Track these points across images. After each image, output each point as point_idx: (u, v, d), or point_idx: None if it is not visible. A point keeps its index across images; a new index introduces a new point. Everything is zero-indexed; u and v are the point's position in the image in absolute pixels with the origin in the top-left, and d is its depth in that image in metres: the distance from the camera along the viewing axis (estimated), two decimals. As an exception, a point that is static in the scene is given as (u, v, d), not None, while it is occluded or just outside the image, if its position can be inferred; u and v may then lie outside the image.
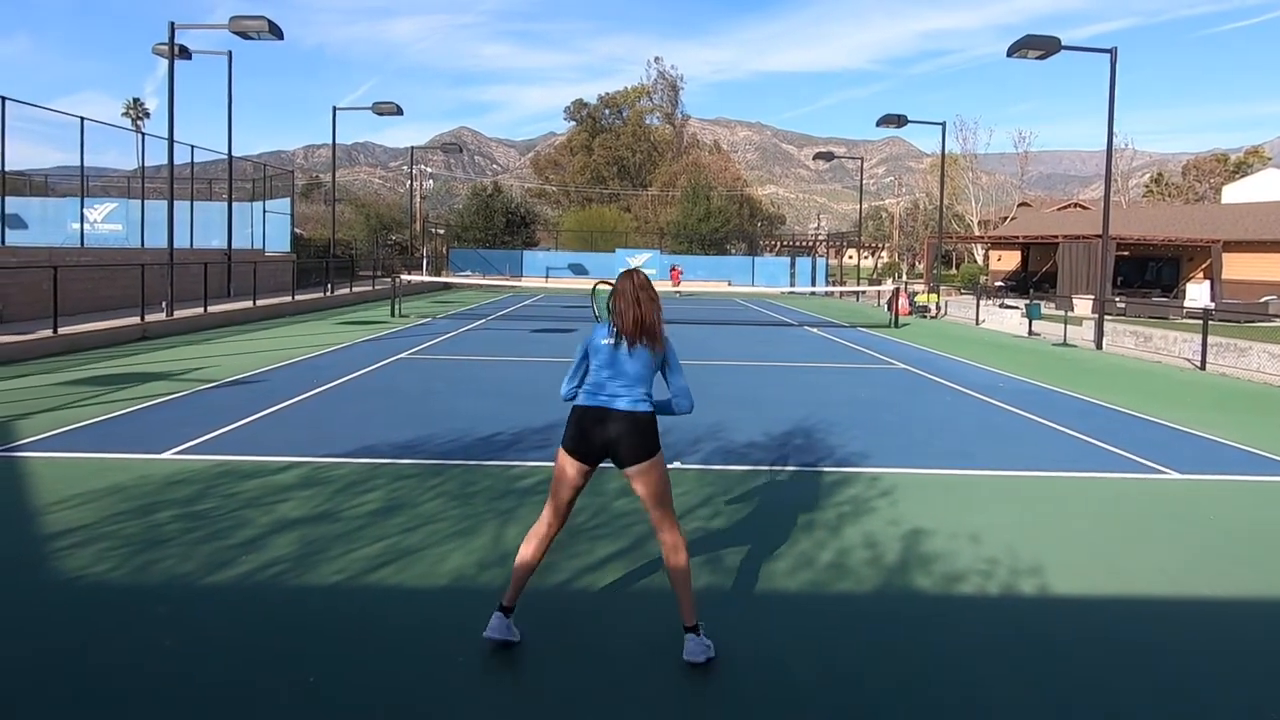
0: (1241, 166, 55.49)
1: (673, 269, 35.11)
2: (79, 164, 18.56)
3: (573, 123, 71.16)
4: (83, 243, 18.50)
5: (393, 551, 4.10)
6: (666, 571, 3.15)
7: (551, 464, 5.82)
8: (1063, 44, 15.42)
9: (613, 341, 3.09)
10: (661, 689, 2.92)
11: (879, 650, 3.25)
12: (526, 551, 3.15)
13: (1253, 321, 21.27)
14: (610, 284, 3.23)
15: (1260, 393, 10.69)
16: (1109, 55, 15.35)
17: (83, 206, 19.74)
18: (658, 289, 3.27)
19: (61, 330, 11.61)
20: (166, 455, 5.83)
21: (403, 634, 3.25)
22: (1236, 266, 28.82)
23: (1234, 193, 39.25)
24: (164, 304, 14.62)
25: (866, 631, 3.41)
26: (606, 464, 3.13)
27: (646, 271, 3.85)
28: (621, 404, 3.04)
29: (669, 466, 3.14)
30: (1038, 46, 15.39)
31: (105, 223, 22.33)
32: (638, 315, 3.06)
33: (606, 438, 3.03)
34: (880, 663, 3.15)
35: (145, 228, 19.86)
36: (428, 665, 3.02)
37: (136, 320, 13.35)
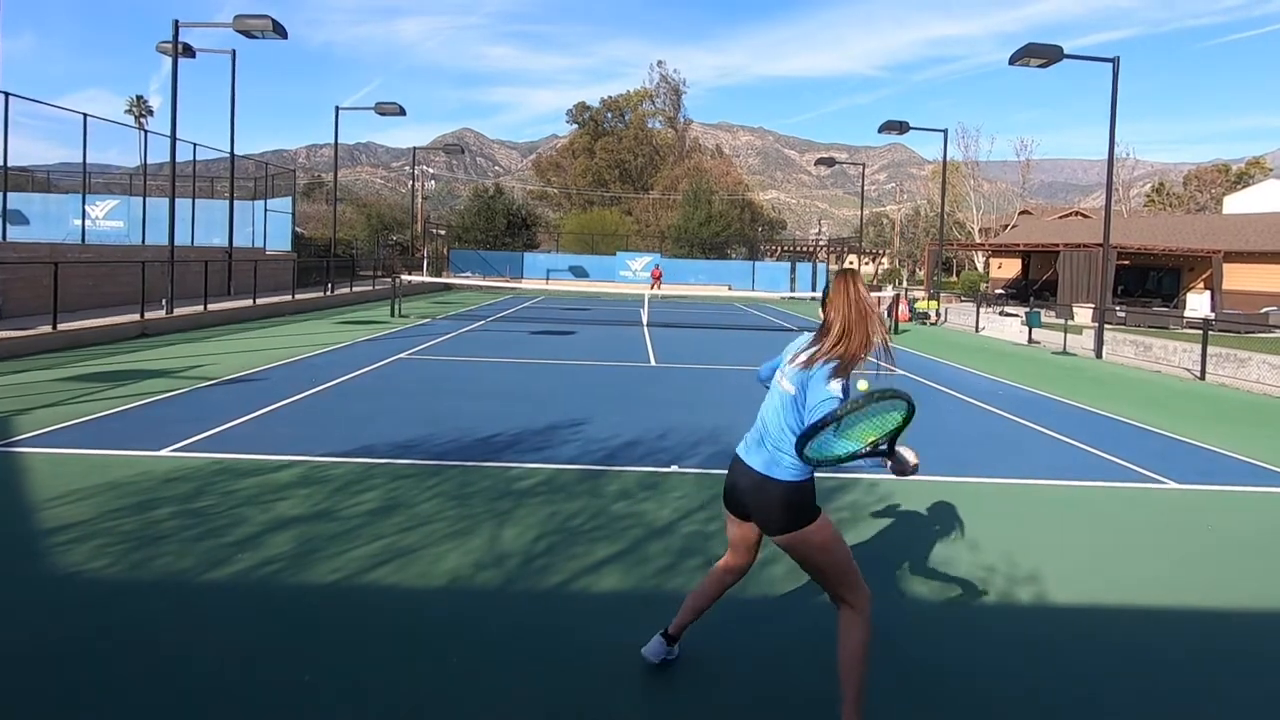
0: (1243, 177, 55.57)
1: (654, 269, 35.13)
2: (81, 161, 18.58)
3: (575, 125, 71.27)
4: (84, 239, 18.51)
5: (390, 551, 4.10)
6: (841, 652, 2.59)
7: (549, 466, 5.85)
8: (1065, 53, 15.46)
9: (782, 369, 2.57)
10: (659, 694, 2.92)
11: (877, 658, 3.24)
12: (703, 585, 2.96)
13: (1253, 332, 21.29)
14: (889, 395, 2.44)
15: (1260, 403, 10.69)
16: (1111, 65, 15.39)
17: (84, 203, 19.75)
18: (651, 291, 3.22)
19: (62, 326, 11.61)
20: (165, 452, 5.83)
21: (399, 634, 3.25)
22: (1237, 277, 28.85)
23: (1235, 203, 39.30)
24: (164, 301, 14.63)
25: (863, 637, 3.41)
26: (613, 468, 3.13)
27: (647, 274, 3.80)
28: (750, 460, 2.63)
29: (668, 470, 3.13)
30: (1040, 55, 15.43)
31: (107, 220, 22.36)
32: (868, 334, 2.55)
33: (740, 496, 2.70)
34: (879, 670, 3.14)
35: (147, 225, 19.89)
36: (423, 665, 3.02)
37: (137, 317, 13.35)
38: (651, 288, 32.61)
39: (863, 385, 2.58)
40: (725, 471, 2.79)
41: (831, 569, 2.57)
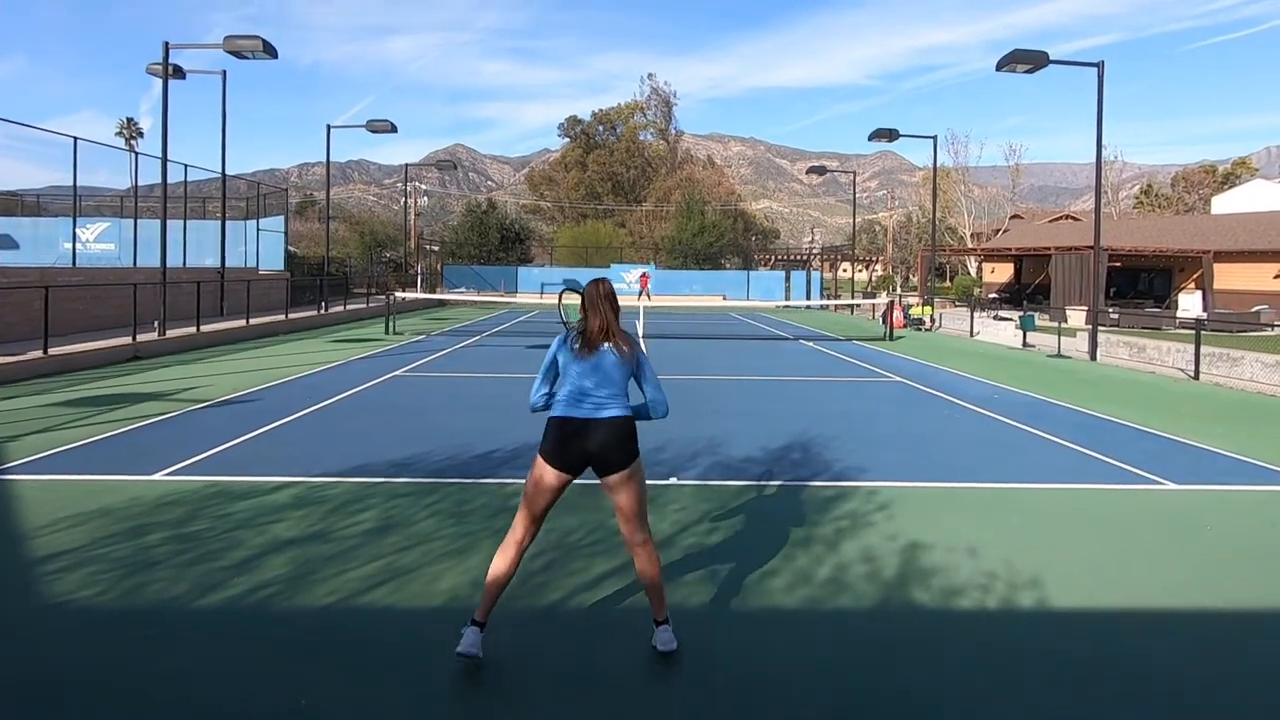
0: (1229, 178, 56.09)
1: (642, 276, 35.11)
2: (72, 183, 18.55)
3: (567, 139, 71.63)
4: (75, 262, 18.46)
5: (387, 571, 4.06)
6: (641, 578, 3.22)
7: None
8: (1050, 58, 15.61)
9: (578, 348, 3.17)
10: (658, 709, 2.88)
11: (879, 667, 3.21)
12: (501, 564, 3.13)
13: (1245, 331, 21.39)
14: (577, 293, 3.36)
15: (1254, 402, 10.72)
16: (1096, 69, 15.55)
17: (75, 226, 19.71)
18: (639, 302, 3.36)
19: (53, 350, 11.54)
20: (158, 476, 5.77)
21: (397, 655, 3.20)
22: (1227, 276, 29.05)
23: (1223, 203, 39.66)
24: (156, 323, 14.56)
25: (866, 648, 3.38)
26: (594, 480, 3.11)
27: (637, 286, 3.98)
28: (604, 413, 3.10)
29: (667, 482, 3.13)
30: (1026, 61, 15.57)
31: (98, 242, 22.30)
32: (602, 322, 3.19)
33: (588, 448, 3.08)
34: (880, 679, 3.11)
35: (138, 247, 19.84)
36: (422, 687, 2.97)
37: (129, 340, 13.28)
38: (639, 297, 32.68)
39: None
40: (726, 483, 2.91)
41: (646, 505, 3.21)
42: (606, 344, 3.18)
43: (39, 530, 4.57)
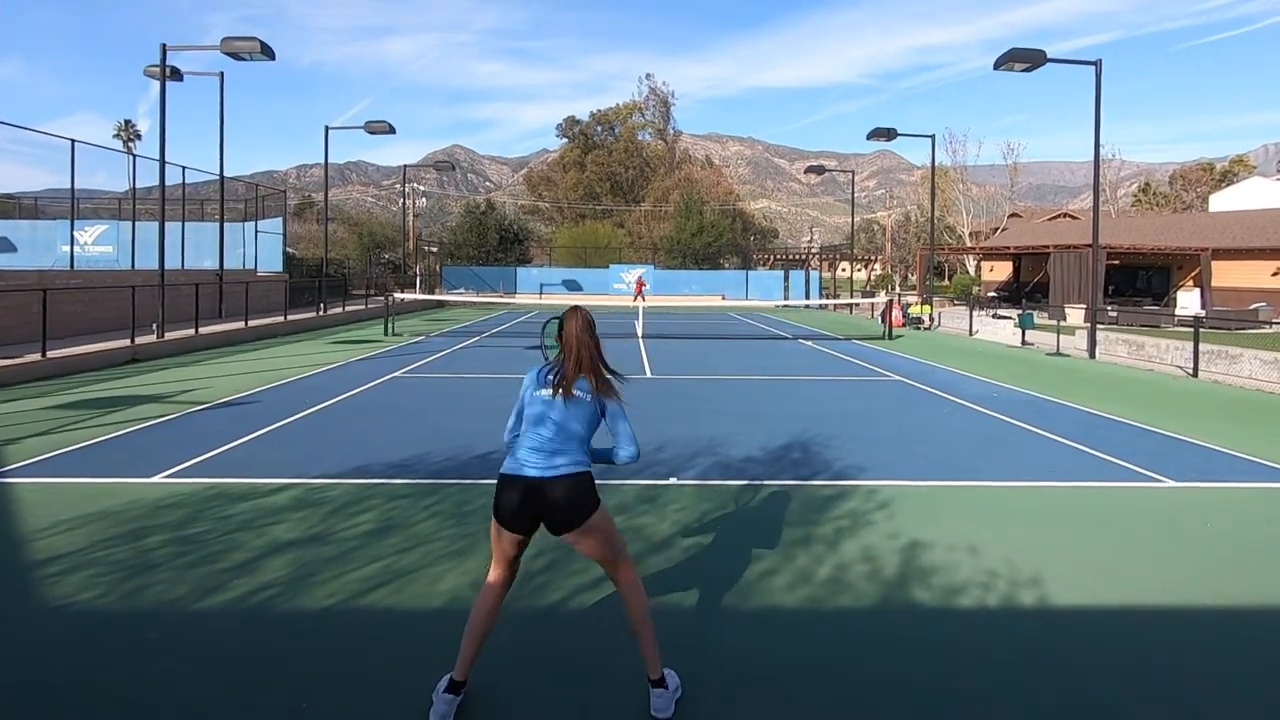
0: (1227, 175, 56.16)
1: (638, 280, 35.16)
2: (69, 186, 18.53)
3: (565, 139, 71.61)
4: (73, 265, 18.44)
5: (387, 573, 4.05)
6: (630, 623, 2.87)
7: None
8: (1048, 57, 15.62)
9: (549, 392, 2.86)
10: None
11: (879, 666, 3.21)
12: (479, 614, 2.85)
13: (1243, 328, 21.42)
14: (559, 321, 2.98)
15: (1253, 399, 10.73)
16: (1094, 67, 15.55)
17: (73, 229, 19.69)
18: (652, 301, 3.27)
19: (51, 353, 11.53)
20: (157, 479, 5.76)
21: (397, 657, 3.20)
22: (1225, 274, 29.07)
23: (1221, 201, 39.68)
24: (155, 326, 14.55)
25: (866, 646, 3.38)
26: (610, 481, 3.11)
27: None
28: (554, 470, 2.77)
29: (666, 482, 3.11)
30: (1024, 59, 15.58)
31: (96, 245, 22.28)
32: (576, 360, 2.88)
33: (534, 509, 2.78)
34: (881, 678, 3.11)
35: (136, 249, 19.82)
36: (423, 688, 2.97)
37: (127, 342, 13.27)
38: (635, 299, 32.70)
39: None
40: (726, 483, 2.85)
41: (618, 545, 2.89)
42: (580, 385, 2.86)
43: (38, 533, 4.57)
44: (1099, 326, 16.41)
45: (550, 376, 2.90)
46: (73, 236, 19.68)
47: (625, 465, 3.01)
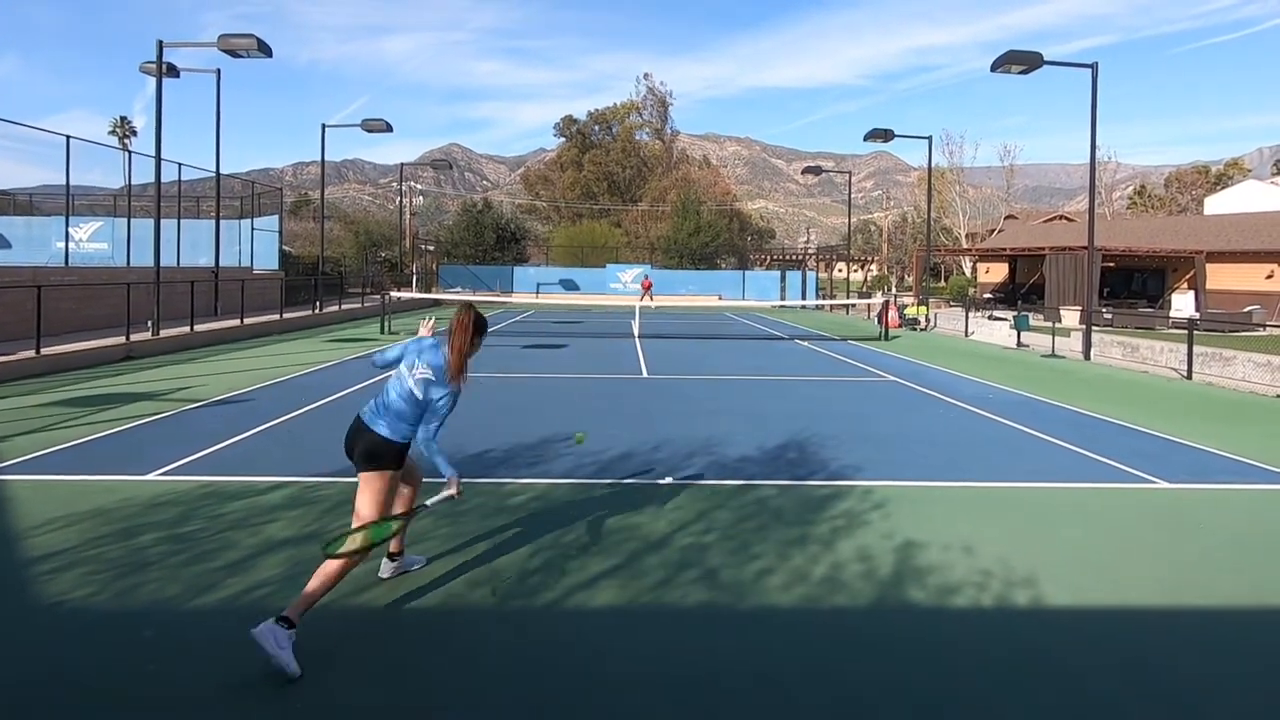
0: (1222, 178, 56.37)
1: (644, 279, 35.45)
2: (64, 183, 18.45)
3: (562, 139, 71.55)
4: (67, 262, 18.35)
5: (380, 571, 4.04)
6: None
7: (542, 480, 5.81)
8: (1045, 59, 15.66)
9: (411, 374, 3.62)
10: (655, 708, 2.88)
11: (875, 665, 3.22)
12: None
13: (1237, 331, 21.50)
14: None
15: (1246, 401, 10.78)
16: (1090, 70, 15.60)
17: (68, 225, 19.61)
18: (643, 302, 3.42)
19: (45, 350, 11.48)
20: (151, 476, 5.74)
21: (391, 656, 3.19)
22: (1220, 277, 29.19)
23: (1216, 204, 39.83)
24: (150, 323, 14.50)
25: (862, 646, 3.38)
26: (607, 481, 3.11)
27: (636, 285, 4.19)
28: (377, 427, 3.58)
29: (663, 482, 3.12)
30: (1020, 62, 15.62)
31: (91, 241, 22.17)
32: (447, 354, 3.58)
33: (353, 447, 3.63)
34: (878, 678, 3.11)
35: (131, 246, 19.74)
36: (419, 688, 2.97)
37: (122, 340, 13.21)
38: (641, 299, 32.79)
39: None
40: (722, 482, 2.92)
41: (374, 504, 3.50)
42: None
43: (32, 531, 4.55)
44: (1094, 328, 16.46)
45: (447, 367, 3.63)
46: (68, 233, 19.57)
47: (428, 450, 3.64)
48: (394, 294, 22.04)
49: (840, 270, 52.94)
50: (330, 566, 3.18)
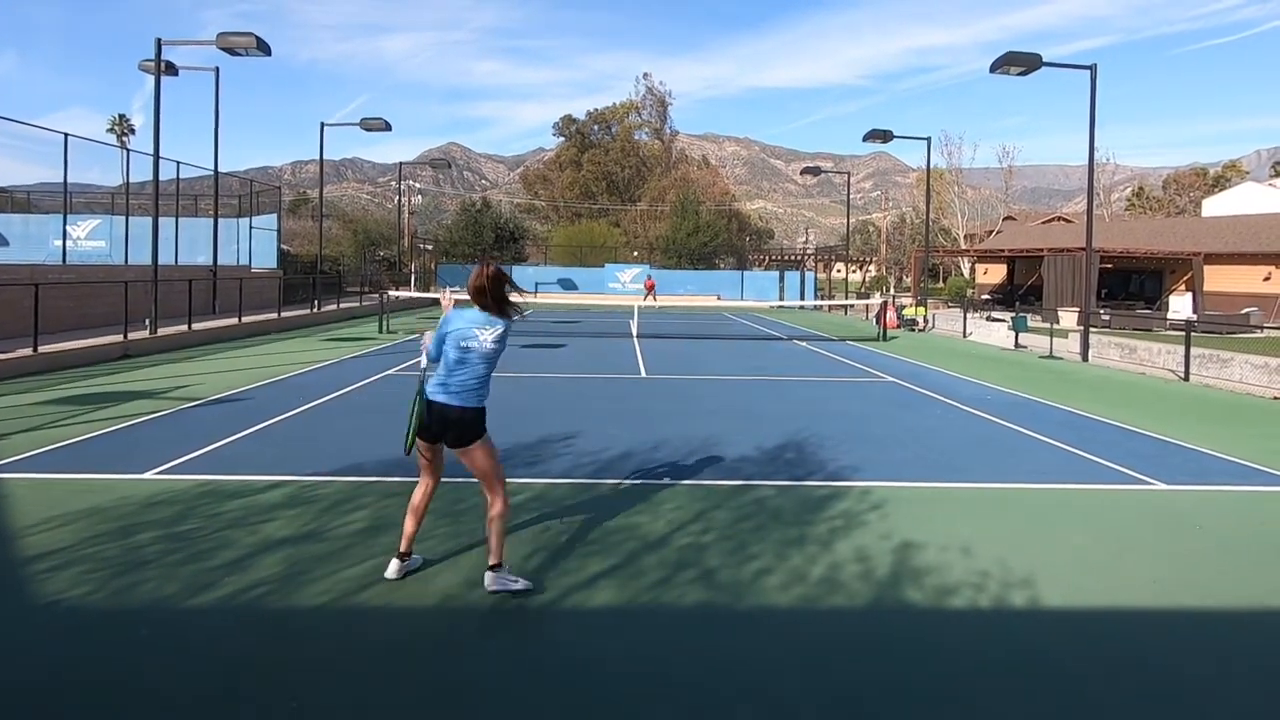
0: (1220, 180, 56.48)
1: (647, 280, 35.56)
2: (63, 180, 18.41)
3: (562, 138, 71.53)
4: (65, 260, 18.34)
5: (379, 571, 4.03)
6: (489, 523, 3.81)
7: (540, 480, 5.81)
8: (1044, 61, 15.68)
9: (478, 342, 3.85)
10: (653, 708, 2.88)
11: (874, 665, 3.22)
12: (409, 515, 3.95)
13: (1234, 333, 21.54)
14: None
15: (1243, 403, 10.80)
16: (1089, 72, 15.62)
17: (66, 223, 19.57)
18: (645, 302, 3.47)
19: (42, 348, 11.45)
20: (148, 475, 5.73)
21: (390, 656, 3.19)
22: (1217, 279, 29.24)
23: (1213, 206, 39.90)
24: (148, 321, 14.47)
25: (860, 646, 3.39)
26: (606, 480, 3.11)
27: (634, 286, 4.31)
28: (456, 400, 3.78)
29: (661, 482, 3.14)
30: (1019, 63, 15.63)
31: (89, 240, 22.14)
32: (483, 301, 3.85)
33: (442, 428, 3.79)
34: (875, 678, 3.12)
35: (129, 244, 19.72)
36: (416, 687, 2.96)
37: (119, 338, 13.19)
38: (644, 299, 32.91)
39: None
40: (720, 482, 2.94)
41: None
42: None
43: (28, 529, 4.54)
44: (1092, 330, 16.49)
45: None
46: (65, 231, 19.55)
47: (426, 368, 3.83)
48: (392, 293, 22.02)
49: (839, 271, 52.96)
50: (498, 519, 3.75)
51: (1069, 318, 23.25)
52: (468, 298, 3.85)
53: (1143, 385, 12.41)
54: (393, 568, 3.92)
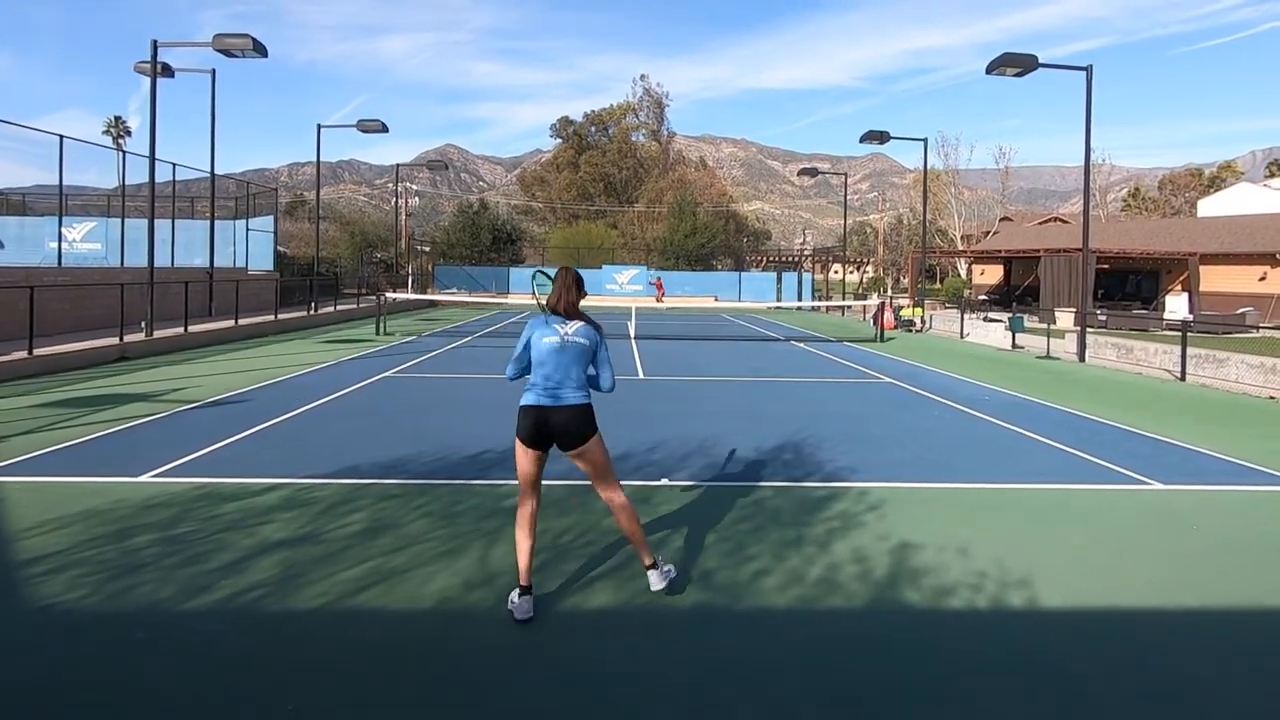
0: (1215, 181, 56.66)
1: (656, 281, 35.58)
2: (58, 183, 18.37)
3: (559, 140, 71.54)
4: (61, 262, 18.28)
5: (377, 573, 4.03)
6: (621, 526, 3.75)
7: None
8: (1040, 62, 15.72)
9: (556, 338, 3.64)
10: (651, 708, 2.87)
11: (872, 666, 3.22)
12: (520, 535, 3.65)
13: (1230, 333, 21.61)
14: (548, 276, 3.90)
15: (1239, 403, 10.83)
16: (1085, 73, 15.66)
17: (61, 225, 19.52)
18: (645, 303, 3.47)
19: (38, 351, 11.42)
20: (144, 478, 5.71)
21: (387, 657, 3.18)
22: (1213, 279, 29.33)
23: (1209, 206, 40.03)
24: (144, 324, 14.43)
25: (857, 647, 3.38)
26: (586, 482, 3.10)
27: (633, 287, 4.27)
28: (562, 399, 3.61)
29: (659, 483, 3.15)
30: (1016, 64, 15.67)
31: (84, 242, 22.07)
32: (569, 301, 3.70)
33: (552, 431, 3.62)
34: (873, 679, 3.11)
35: (125, 246, 19.66)
36: (414, 690, 2.95)
37: (115, 340, 13.16)
38: (657, 299, 33.05)
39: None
40: (718, 483, 2.97)
41: (610, 468, 3.77)
42: (571, 319, 3.75)
43: (24, 533, 4.52)
44: (1088, 330, 16.52)
45: (548, 320, 3.70)
46: (61, 233, 19.49)
47: (607, 393, 3.82)
48: (389, 295, 21.99)
49: (836, 272, 53.02)
50: (625, 512, 3.70)
51: (1066, 318, 23.30)
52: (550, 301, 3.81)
53: (1139, 385, 12.44)
54: (522, 607, 3.51)
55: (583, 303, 3.85)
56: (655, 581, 3.67)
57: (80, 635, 3.33)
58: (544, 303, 3.79)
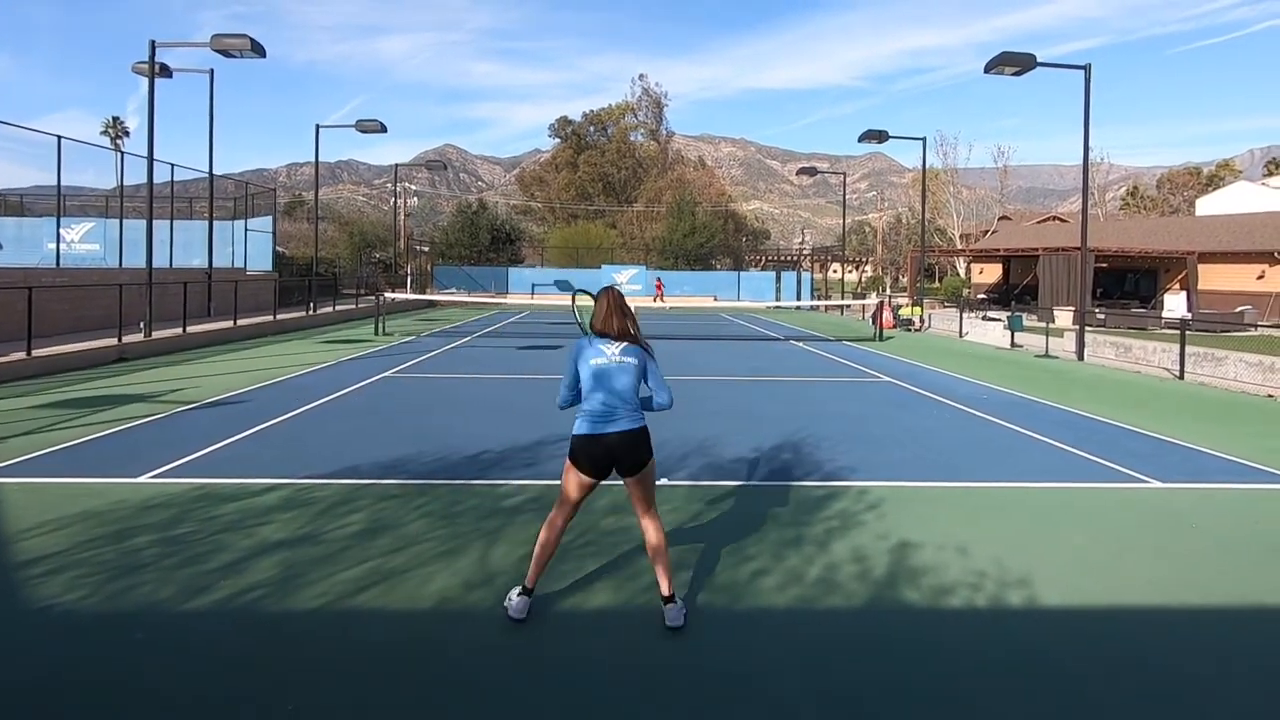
0: (1214, 179, 56.72)
1: (657, 282, 35.57)
2: (56, 183, 18.34)
3: (558, 140, 71.50)
4: (59, 263, 18.26)
5: (376, 574, 4.03)
6: (649, 548, 3.61)
7: (538, 482, 5.79)
8: (1038, 61, 15.73)
9: (605, 360, 3.51)
10: (650, 708, 2.87)
11: (871, 666, 3.22)
12: (545, 538, 3.59)
13: (1228, 331, 21.63)
14: (589, 295, 3.78)
15: (1238, 401, 10.84)
16: (1083, 72, 15.67)
17: (59, 226, 19.49)
18: (645, 303, 3.43)
19: (36, 352, 11.40)
20: (144, 479, 5.71)
21: (387, 658, 3.18)
22: (1211, 277, 29.37)
23: (1207, 205, 40.07)
24: (142, 324, 14.42)
25: (856, 647, 3.38)
26: (602, 482, 3.12)
27: (632, 287, 4.19)
28: (621, 424, 3.45)
29: (658, 483, 3.15)
30: (1014, 63, 15.68)
31: (82, 242, 22.04)
32: (622, 324, 3.59)
33: (613, 457, 3.46)
34: (873, 678, 3.11)
35: (124, 247, 19.63)
36: (413, 690, 2.95)
37: (114, 341, 13.14)
38: (656, 299, 33.05)
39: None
40: (717, 483, 2.95)
41: (653, 491, 3.68)
42: (623, 342, 3.63)
43: (23, 533, 4.51)
44: (1087, 329, 16.53)
45: (596, 341, 3.59)
46: (59, 234, 19.47)
47: (662, 410, 3.67)
48: (388, 295, 21.98)
49: (835, 271, 53.04)
50: (658, 536, 3.57)
51: (1064, 317, 23.31)
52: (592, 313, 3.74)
53: (1138, 384, 12.45)
54: (519, 607, 3.51)
55: (568, 300, 3.85)
56: (671, 617, 3.46)
57: (80, 635, 3.33)
58: (587, 325, 3.67)
